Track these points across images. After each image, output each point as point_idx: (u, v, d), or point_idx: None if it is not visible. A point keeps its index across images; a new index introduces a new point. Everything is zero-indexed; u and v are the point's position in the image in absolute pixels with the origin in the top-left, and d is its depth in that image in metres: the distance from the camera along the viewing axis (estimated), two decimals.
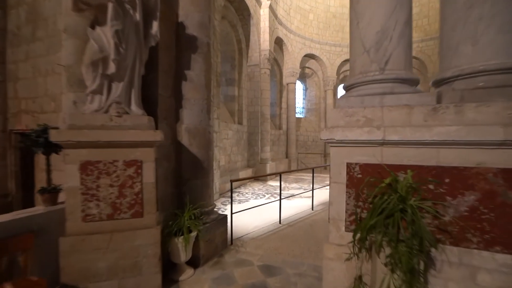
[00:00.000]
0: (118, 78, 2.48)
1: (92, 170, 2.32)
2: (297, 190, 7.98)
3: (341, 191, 2.19)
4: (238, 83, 9.53)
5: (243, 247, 3.73)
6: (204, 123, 3.29)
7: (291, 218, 5.11)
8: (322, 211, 5.65)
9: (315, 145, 14.41)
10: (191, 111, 3.18)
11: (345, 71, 14.84)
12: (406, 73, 2.11)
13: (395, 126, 1.97)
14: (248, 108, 10.01)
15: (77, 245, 2.27)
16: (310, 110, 14.93)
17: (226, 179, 7.54)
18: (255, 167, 9.95)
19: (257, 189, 8.16)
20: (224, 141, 8.12)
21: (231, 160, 8.63)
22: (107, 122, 2.36)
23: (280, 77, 12.83)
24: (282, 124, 12.80)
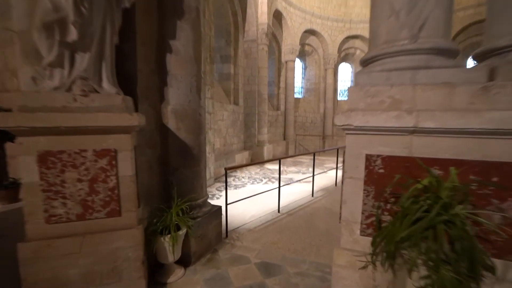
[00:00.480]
0: (82, 47, 1.98)
1: (54, 162, 1.90)
2: (295, 174, 7.69)
3: (358, 188, 1.82)
4: (234, 60, 8.89)
5: (239, 241, 3.42)
6: (194, 104, 2.83)
7: (291, 206, 4.81)
8: (322, 198, 5.37)
9: (313, 126, 14.01)
10: (178, 89, 2.71)
11: (346, 48, 14.11)
12: (445, 42, 1.66)
13: (431, 110, 1.56)
14: (244, 88, 9.45)
15: (41, 251, 1.90)
16: (309, 90, 14.35)
17: (222, 163, 7.18)
18: (251, 149, 9.58)
19: (254, 173, 7.84)
20: (219, 122, 7.66)
21: (226, 143, 8.23)
22: (70, 103, 1.90)
23: (279, 55, 12.12)
24: (280, 104, 12.28)
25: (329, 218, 4.25)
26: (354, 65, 14.89)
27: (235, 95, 8.98)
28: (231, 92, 8.87)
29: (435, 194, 1.34)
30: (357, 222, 1.84)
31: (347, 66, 15.19)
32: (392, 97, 1.67)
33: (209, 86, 5.90)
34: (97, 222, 2.06)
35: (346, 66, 15.17)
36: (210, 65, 5.93)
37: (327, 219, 4.24)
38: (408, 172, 1.65)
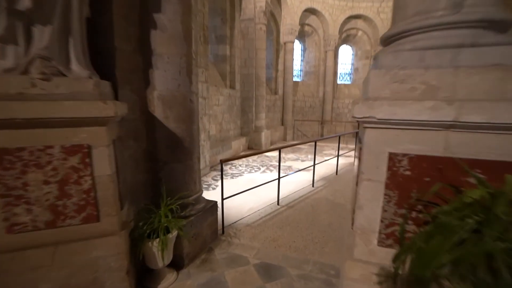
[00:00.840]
0: (41, 19, 1.60)
1: (13, 161, 1.57)
2: (294, 162, 7.44)
3: (377, 192, 1.53)
4: (230, 40, 8.35)
5: (236, 238, 3.19)
6: (184, 89, 2.47)
7: (291, 197, 4.58)
8: (323, 188, 5.14)
9: (312, 111, 13.64)
10: (165, 72, 2.34)
11: (348, 29, 13.47)
12: (498, 11, 1.31)
13: (476, 99, 1.25)
14: (241, 70, 8.97)
15: (3, 265, 1.62)
16: (308, 73, 13.84)
17: (217, 150, 6.87)
18: (249, 135, 9.26)
19: (251, 160, 7.57)
20: (214, 107, 7.27)
21: (222, 129, 7.88)
22: (28, 89, 1.55)
23: (277, 35, 11.50)
24: (278, 88, 11.82)
25: (332, 211, 4.03)
26: (355, 48, 14.31)
27: (231, 79, 8.52)
28: (227, 75, 8.40)
29: (486, 209, 1.05)
30: (375, 232, 1.58)
31: (347, 48, 14.60)
32: (427, 83, 1.34)
33: (203, 69, 5.47)
34: (72, 230, 1.77)
35: (346, 48, 14.58)
36: (204, 45, 5.47)
37: (329, 211, 4.02)
38: (441, 175, 1.36)
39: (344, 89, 14.48)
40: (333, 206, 4.24)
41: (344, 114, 14.24)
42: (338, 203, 4.34)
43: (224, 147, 7.28)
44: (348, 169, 6.62)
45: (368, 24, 13.24)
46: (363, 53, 13.98)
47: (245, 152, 8.53)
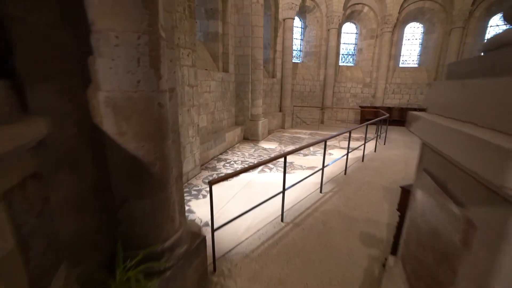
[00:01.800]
0: None
1: None
2: (295, 157, 6.66)
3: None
4: (223, 16, 7.20)
5: (231, 278, 2.45)
6: (148, 87, 1.57)
7: (296, 209, 3.83)
8: (333, 194, 4.40)
9: (312, 96, 12.71)
10: (114, 61, 1.44)
11: (353, 4, 12.23)
12: None
13: None
14: (235, 51, 7.89)
15: None
16: (309, 53, 12.73)
17: (209, 145, 6.02)
18: (244, 124, 8.38)
19: (247, 155, 6.77)
20: (205, 95, 6.31)
21: (215, 119, 6.97)
22: None
23: (276, 11, 10.26)
24: (276, 71, 10.78)
25: (348, 230, 3.31)
26: (359, 25, 13.14)
27: (224, 61, 7.47)
28: (220, 56, 7.34)
29: None
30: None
31: (351, 26, 13.41)
32: None
33: (189, 50, 4.47)
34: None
35: (350, 26, 13.40)
36: (190, 20, 4.43)
37: (345, 231, 3.30)
38: None
39: (346, 71, 13.48)
40: (348, 222, 3.51)
41: (345, 99, 13.36)
42: (354, 218, 3.62)
43: (216, 141, 6.42)
44: (357, 166, 5.89)
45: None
46: (368, 32, 12.86)
47: (240, 135, 7.69)
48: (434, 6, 11.85)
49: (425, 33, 12.81)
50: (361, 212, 3.78)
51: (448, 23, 11.68)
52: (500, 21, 11.51)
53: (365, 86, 13.27)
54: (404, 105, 12.95)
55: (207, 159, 6.05)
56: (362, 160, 6.29)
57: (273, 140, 8.67)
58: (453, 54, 11.53)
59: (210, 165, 5.87)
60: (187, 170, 4.79)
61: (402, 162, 6.36)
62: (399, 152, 7.33)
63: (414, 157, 6.63)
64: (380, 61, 12.54)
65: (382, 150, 7.52)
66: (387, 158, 6.69)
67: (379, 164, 6.12)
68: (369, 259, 2.76)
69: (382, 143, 8.22)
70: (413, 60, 13.39)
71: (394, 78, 13.06)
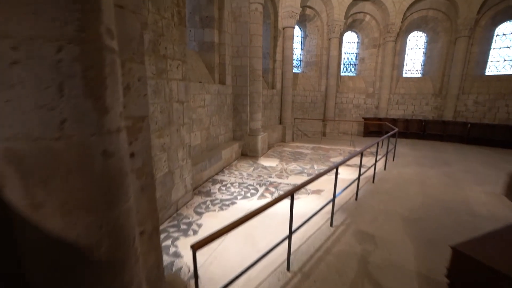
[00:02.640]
0: None
1: None
2: (298, 177, 6.04)
3: None
4: (219, 24, 6.70)
5: None
6: (82, 129, 0.96)
7: (304, 250, 3.19)
8: (346, 228, 3.77)
9: (313, 107, 12.18)
10: (14, 90, 0.84)
11: (354, 13, 11.87)
12: None
13: None
14: (233, 61, 7.37)
15: None
16: (309, 63, 12.27)
17: (204, 165, 5.40)
18: (242, 140, 7.78)
19: (245, 175, 6.14)
20: (198, 110, 5.73)
21: (210, 135, 6.37)
22: None
23: (275, 19, 9.83)
24: (276, 81, 10.26)
25: (369, 283, 2.67)
26: (361, 35, 12.76)
27: (220, 72, 6.93)
28: (216, 67, 6.81)
29: None
30: None
31: (352, 35, 13.03)
32: None
33: (179, 62, 3.91)
34: None
35: (351, 35, 13.02)
36: (180, 28, 3.88)
37: (365, 285, 2.65)
38: None
39: (348, 81, 13.02)
40: (367, 270, 2.87)
41: (348, 110, 12.85)
42: (374, 263, 2.98)
43: (212, 160, 5.81)
44: (368, 189, 5.27)
45: (377, 7, 11.67)
46: (370, 41, 12.47)
47: (238, 151, 7.04)
48: (438, 15, 11.49)
49: (428, 42, 12.43)
50: (381, 254, 3.14)
51: (452, 32, 11.30)
52: (506, 30, 11.15)
53: (368, 97, 12.79)
54: (409, 116, 12.45)
55: (201, 181, 5.42)
56: (372, 181, 5.68)
57: (273, 156, 8.06)
58: (459, 63, 11.11)
59: (204, 188, 5.23)
60: (176, 198, 4.16)
61: (417, 183, 5.75)
62: (411, 170, 6.73)
63: (428, 176, 5.97)
64: (383, 71, 12.10)
65: (392, 167, 6.91)
66: (399, 178, 6.08)
67: (392, 186, 5.51)
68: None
69: (391, 159, 7.62)
70: (417, 70, 12.97)
71: (397, 88, 12.60)
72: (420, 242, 3.43)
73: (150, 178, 1.79)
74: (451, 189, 5.41)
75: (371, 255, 3.14)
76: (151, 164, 1.78)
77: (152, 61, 3.34)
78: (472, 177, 6.27)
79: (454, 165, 7.35)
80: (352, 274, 2.79)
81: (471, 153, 8.94)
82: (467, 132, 10.76)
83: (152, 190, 1.82)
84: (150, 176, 1.78)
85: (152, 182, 1.82)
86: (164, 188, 3.80)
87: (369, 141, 11.09)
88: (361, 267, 2.92)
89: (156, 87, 3.45)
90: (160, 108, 3.57)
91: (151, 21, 3.28)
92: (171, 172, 3.95)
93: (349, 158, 4.08)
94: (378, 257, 3.09)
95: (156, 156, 3.57)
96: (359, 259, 3.06)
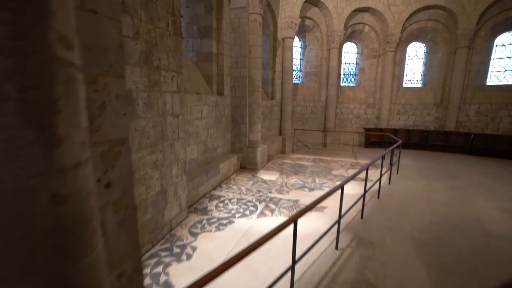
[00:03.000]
0: None
1: None
2: (300, 192, 5.76)
3: None
4: (217, 34, 6.58)
5: None
6: (20, 167, 0.73)
7: (308, 279, 2.89)
8: (352, 251, 3.48)
9: (313, 117, 12.00)
10: None
11: (353, 24, 11.87)
12: None
13: None
14: (231, 72, 7.22)
15: None
16: (309, 74, 12.17)
17: (200, 180, 5.14)
18: (241, 152, 7.53)
19: (244, 190, 5.86)
20: (195, 123, 5.51)
21: (207, 148, 6.13)
22: None
23: (274, 30, 9.77)
24: (275, 92, 10.11)
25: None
26: (360, 45, 12.73)
27: (219, 83, 6.76)
28: (214, 78, 6.64)
29: None
30: None
31: (352, 46, 13.01)
32: None
33: (174, 73, 3.71)
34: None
35: (351, 46, 12.99)
36: (175, 38, 3.70)
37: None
38: None
39: (348, 92, 12.90)
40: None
41: (348, 120, 12.68)
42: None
43: (209, 174, 5.54)
44: (373, 205, 4.99)
45: (376, 18, 11.67)
46: (370, 52, 12.43)
47: (237, 164, 6.76)
48: (437, 26, 11.49)
49: (428, 53, 12.39)
50: (393, 283, 2.85)
51: (452, 43, 11.26)
52: (506, 40, 11.12)
53: (368, 107, 12.64)
54: (411, 126, 12.27)
55: (197, 198, 5.14)
56: (378, 196, 5.40)
57: (273, 169, 7.80)
58: (460, 73, 11.02)
59: (200, 205, 4.95)
60: (170, 218, 3.88)
61: (423, 198, 5.48)
62: (416, 184, 6.46)
63: (435, 190, 5.67)
64: (384, 81, 12.00)
65: (396, 181, 6.65)
66: (404, 192, 5.81)
67: (398, 202, 5.23)
68: None
69: (395, 172, 7.36)
70: (417, 80, 12.89)
71: (398, 98, 12.47)
72: (434, 267, 3.14)
73: (131, 210, 1.53)
74: (460, 204, 5.13)
75: (382, 283, 2.85)
76: (132, 193, 1.53)
77: (144, 73, 3.13)
78: (480, 190, 6.01)
79: (460, 177, 7.10)
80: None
81: (475, 165, 8.70)
82: (470, 142, 10.55)
83: (133, 223, 1.56)
84: (131, 207, 1.53)
85: (134, 214, 1.56)
86: (156, 208, 3.52)
87: (370, 152, 10.86)
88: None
89: (148, 100, 3.23)
90: (153, 122, 3.34)
91: (144, 30, 3.09)
92: (164, 190, 3.68)
93: (354, 176, 3.82)
94: (389, 286, 2.80)
95: (147, 174, 3.32)
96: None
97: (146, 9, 3.11)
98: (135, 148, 3.04)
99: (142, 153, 3.18)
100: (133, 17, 2.92)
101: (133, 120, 2.98)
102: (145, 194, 3.30)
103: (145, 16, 3.11)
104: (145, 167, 3.26)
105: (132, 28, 2.91)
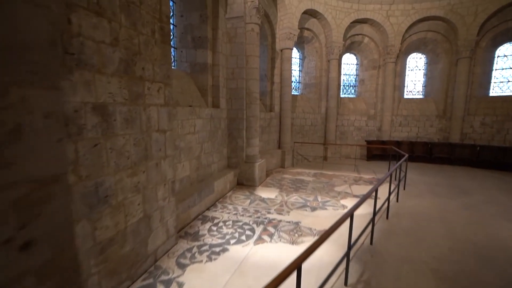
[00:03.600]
0: None
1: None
2: (301, 212, 5.29)
3: None
4: (213, 44, 6.28)
5: None
6: None
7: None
8: (364, 287, 2.99)
9: (313, 130, 11.64)
10: None
11: (352, 35, 11.71)
12: None
13: None
14: (228, 84, 6.88)
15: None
16: (308, 85, 11.91)
17: (191, 201, 4.67)
18: (238, 167, 7.09)
19: (241, 210, 5.38)
20: (187, 137, 5.10)
21: (201, 165, 5.69)
22: None
23: (272, 41, 9.55)
24: (274, 104, 9.78)
25: None
26: (360, 56, 12.55)
27: (214, 94, 6.40)
28: (209, 90, 6.29)
29: None
30: None
31: (351, 57, 12.83)
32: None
33: (161, 84, 3.33)
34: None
35: (350, 57, 12.81)
36: (162, 46, 3.34)
37: None
38: None
39: (348, 103, 12.61)
40: None
41: (349, 132, 12.32)
42: None
43: (202, 193, 5.08)
44: (382, 228, 4.52)
45: (375, 30, 11.53)
46: (370, 63, 12.23)
47: (234, 182, 6.28)
48: (437, 37, 11.34)
49: (428, 64, 12.21)
50: None
51: (453, 53, 11.08)
52: (507, 51, 10.95)
53: (369, 119, 12.32)
54: (414, 138, 11.90)
55: (189, 220, 4.66)
56: (386, 217, 4.94)
57: (272, 185, 7.33)
58: (463, 84, 10.77)
59: (191, 229, 4.46)
60: (155, 247, 3.39)
61: (437, 219, 5.01)
62: (426, 202, 6.00)
63: (448, 210, 5.12)
64: (385, 92, 11.73)
65: (404, 198, 6.20)
66: (415, 212, 5.35)
67: (409, 223, 4.77)
68: None
69: (401, 187, 6.91)
70: (418, 91, 12.64)
71: (399, 109, 12.17)
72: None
73: (75, 276, 1.09)
74: (479, 227, 4.66)
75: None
76: (74, 249, 1.09)
77: (124, 84, 2.74)
78: (496, 209, 5.55)
79: (472, 194, 6.65)
80: None
81: (484, 179, 8.27)
82: (476, 155, 10.17)
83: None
84: (72, 271, 1.08)
85: (77, 280, 1.11)
86: (137, 238, 3.05)
87: (373, 165, 10.42)
88: None
89: (128, 115, 2.83)
90: (134, 140, 2.92)
91: (124, 36, 2.73)
92: (147, 217, 3.22)
93: (364, 200, 3.36)
94: None
95: (127, 199, 2.87)
96: None
97: (127, 12, 2.76)
98: (110, 171, 2.60)
99: (120, 176, 2.75)
100: (111, 20, 2.55)
101: (108, 139, 2.56)
102: (123, 223, 2.84)
103: (126, 20, 2.75)
104: (123, 192, 2.81)
105: (110, 33, 2.54)
